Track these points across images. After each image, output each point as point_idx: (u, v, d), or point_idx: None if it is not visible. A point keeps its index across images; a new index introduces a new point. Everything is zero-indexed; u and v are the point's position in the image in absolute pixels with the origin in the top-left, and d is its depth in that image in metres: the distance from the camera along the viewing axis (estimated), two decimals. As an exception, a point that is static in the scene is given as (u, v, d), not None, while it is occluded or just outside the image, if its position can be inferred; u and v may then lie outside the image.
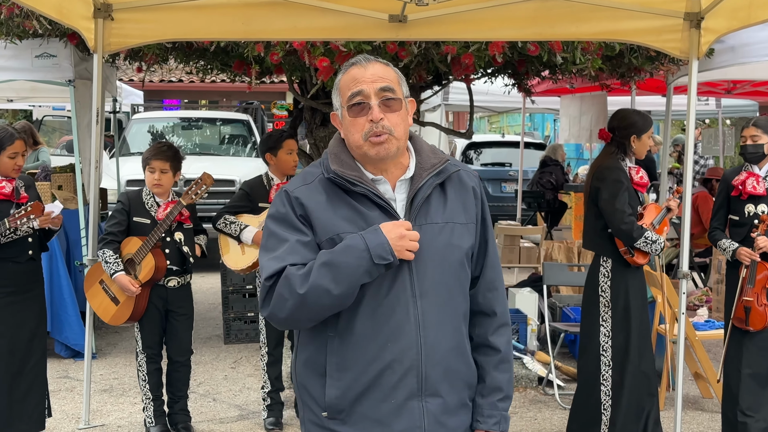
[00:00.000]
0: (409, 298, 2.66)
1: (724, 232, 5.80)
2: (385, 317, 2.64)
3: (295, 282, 2.57)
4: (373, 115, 2.65)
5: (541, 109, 14.35)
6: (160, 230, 5.49)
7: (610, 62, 7.42)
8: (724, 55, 7.31)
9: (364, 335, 2.64)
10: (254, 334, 8.55)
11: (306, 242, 2.66)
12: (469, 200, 2.82)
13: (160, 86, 22.98)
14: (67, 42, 7.43)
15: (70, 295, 7.85)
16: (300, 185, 2.72)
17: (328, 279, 2.55)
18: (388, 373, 2.64)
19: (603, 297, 5.56)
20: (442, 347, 2.70)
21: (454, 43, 6.24)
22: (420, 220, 2.70)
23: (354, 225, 2.64)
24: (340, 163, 2.70)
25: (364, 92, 2.66)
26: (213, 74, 8.74)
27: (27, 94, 11.50)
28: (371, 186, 2.68)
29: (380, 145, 2.66)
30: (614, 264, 5.53)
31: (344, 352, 2.66)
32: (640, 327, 5.58)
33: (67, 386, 7.16)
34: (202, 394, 6.95)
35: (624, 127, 5.58)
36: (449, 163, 2.80)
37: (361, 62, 2.72)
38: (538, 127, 32.56)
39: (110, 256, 5.53)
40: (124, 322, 5.64)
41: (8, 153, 5.18)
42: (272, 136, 6.23)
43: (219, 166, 12.87)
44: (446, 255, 2.72)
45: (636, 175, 5.56)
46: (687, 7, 5.54)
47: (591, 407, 5.65)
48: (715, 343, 8.09)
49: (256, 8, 5.62)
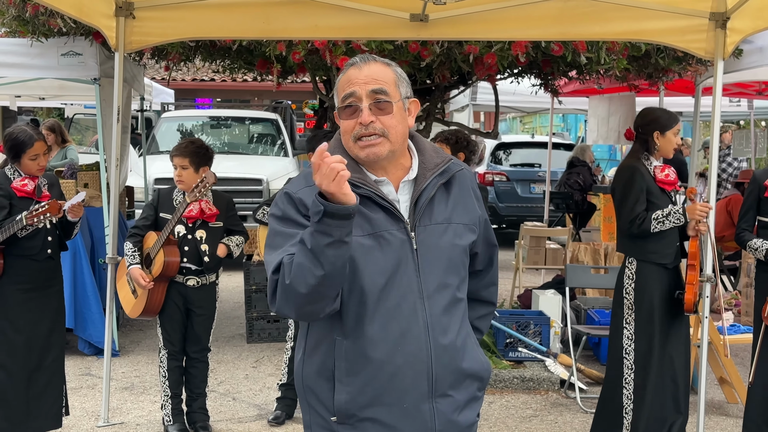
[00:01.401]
0: (417, 300, 2.65)
1: (752, 234, 5.71)
2: (393, 321, 2.62)
3: (286, 272, 2.50)
4: (362, 118, 2.61)
5: (569, 109, 14.25)
6: (169, 226, 5.51)
7: (636, 62, 7.35)
8: (752, 55, 7.20)
9: (372, 339, 2.62)
10: (277, 334, 8.54)
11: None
12: (471, 199, 2.82)
13: (192, 85, 23.09)
14: (92, 40, 7.46)
15: (93, 293, 7.88)
16: (303, 186, 2.67)
17: (303, 256, 2.44)
18: (398, 378, 2.63)
19: (627, 299, 5.50)
20: (451, 348, 2.70)
21: (476, 42, 6.20)
22: (424, 221, 2.68)
23: (359, 228, 2.59)
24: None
25: (356, 94, 2.63)
26: (240, 73, 8.77)
27: (56, 92, 11.61)
28: (374, 188, 2.64)
29: (369, 147, 2.63)
30: (638, 266, 5.47)
31: (353, 356, 2.63)
32: (665, 331, 5.50)
33: (89, 383, 7.18)
34: (222, 393, 6.95)
35: (647, 123, 5.52)
36: (452, 162, 2.78)
37: (358, 63, 2.68)
38: (571, 128, 32.39)
39: (129, 249, 5.62)
40: (139, 315, 5.69)
41: (29, 155, 5.22)
42: (316, 136, 6.27)
43: (247, 165, 12.90)
44: (451, 255, 2.72)
45: (661, 173, 5.47)
46: (712, 7, 5.46)
47: (613, 411, 5.60)
48: (742, 348, 7.98)
49: (276, 7, 5.61)
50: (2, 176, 5.28)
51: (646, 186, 5.43)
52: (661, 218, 5.31)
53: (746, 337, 6.80)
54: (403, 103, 2.70)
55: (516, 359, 7.37)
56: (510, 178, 16.18)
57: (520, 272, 10.20)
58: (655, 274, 5.46)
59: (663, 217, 5.32)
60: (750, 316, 8.81)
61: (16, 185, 5.23)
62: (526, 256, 10.15)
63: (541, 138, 18.53)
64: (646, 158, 5.51)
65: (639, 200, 5.38)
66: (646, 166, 5.48)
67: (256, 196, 12.09)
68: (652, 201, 5.43)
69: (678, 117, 5.66)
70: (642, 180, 5.42)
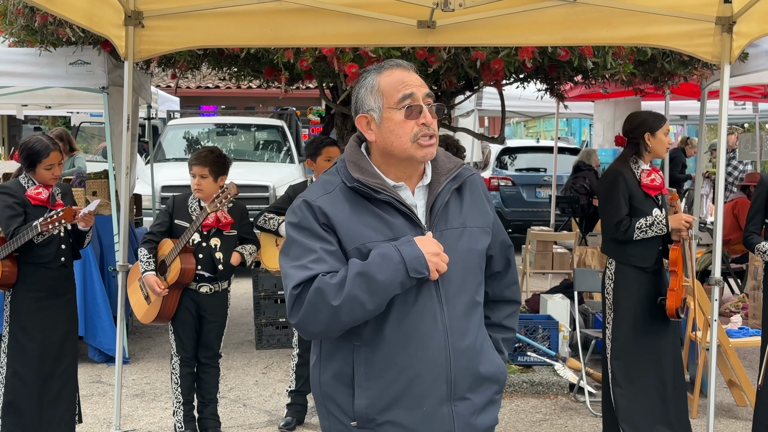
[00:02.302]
0: (436, 305, 2.68)
1: (760, 237, 5.74)
2: (413, 325, 2.65)
3: (329, 293, 2.55)
4: (427, 119, 2.67)
5: (575, 114, 14.29)
6: (188, 234, 5.54)
7: (642, 67, 7.38)
8: (758, 59, 7.24)
9: (392, 344, 2.65)
10: (285, 340, 8.57)
11: (332, 251, 2.64)
12: (483, 204, 2.86)
13: (197, 92, 23.14)
14: (100, 49, 7.51)
15: (103, 301, 7.92)
16: (321, 194, 2.70)
17: (362, 290, 2.54)
18: (418, 382, 2.66)
19: (607, 300, 5.65)
20: (469, 351, 2.74)
21: (483, 48, 6.22)
22: (440, 226, 2.72)
23: (379, 233, 2.64)
24: (361, 171, 2.70)
25: (415, 95, 2.68)
26: (246, 80, 8.80)
27: (63, 101, 11.64)
28: (394, 193, 2.68)
29: (429, 147, 2.68)
30: (617, 267, 5.60)
31: (373, 361, 2.66)
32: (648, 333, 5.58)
33: (100, 391, 7.21)
34: (232, 399, 6.97)
35: (636, 126, 5.61)
36: (464, 167, 2.83)
37: (404, 65, 2.75)
38: (575, 132, 32.40)
39: (144, 255, 5.64)
40: (152, 321, 5.71)
41: (44, 165, 5.26)
42: (313, 143, 6.32)
43: (253, 172, 12.93)
44: (467, 260, 2.76)
45: (646, 178, 5.53)
46: (719, 11, 5.48)
47: (609, 410, 5.70)
48: (750, 351, 8.00)
49: (285, 15, 5.63)
50: (16, 185, 5.31)
51: (629, 190, 5.51)
52: (645, 227, 5.41)
53: (755, 340, 6.83)
54: None
55: (525, 363, 7.39)
56: (516, 182, 16.19)
57: (527, 276, 10.22)
58: (634, 277, 5.57)
59: (646, 227, 5.42)
60: (758, 318, 8.82)
61: (30, 194, 5.27)
62: (533, 261, 10.17)
63: (546, 142, 18.55)
64: (635, 162, 5.58)
65: (621, 205, 5.48)
66: (632, 170, 5.55)
67: (263, 203, 12.13)
68: (634, 206, 5.51)
69: (665, 117, 5.73)
70: (624, 184, 5.50)
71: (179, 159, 13.78)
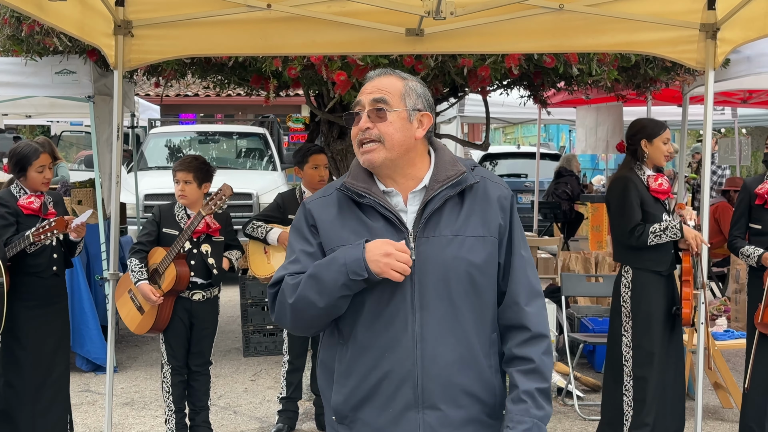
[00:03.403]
0: (408, 309, 2.68)
1: (744, 241, 5.81)
2: (383, 328, 2.68)
3: (287, 292, 2.70)
4: (359, 124, 2.75)
5: (556, 120, 14.35)
6: (182, 240, 5.54)
7: (626, 73, 7.44)
8: (740, 65, 7.32)
9: (364, 344, 2.70)
10: (273, 347, 8.59)
11: (310, 252, 2.75)
12: (492, 212, 2.76)
13: (176, 100, 23.09)
14: (86, 58, 7.51)
15: (90, 309, 7.91)
16: (317, 197, 2.84)
17: (313, 290, 2.65)
18: (385, 383, 2.68)
19: (624, 307, 5.59)
20: (442, 360, 2.67)
21: (470, 55, 6.27)
22: (428, 233, 2.70)
23: (358, 236, 2.69)
24: (354, 176, 2.77)
25: (360, 102, 2.77)
26: (230, 88, 8.82)
27: (46, 110, 11.59)
28: (379, 198, 2.72)
29: (366, 153, 2.73)
30: (635, 274, 5.55)
31: (348, 360, 2.73)
32: (664, 339, 5.58)
33: (89, 400, 7.21)
34: (222, 406, 6.99)
35: (634, 133, 5.65)
36: (466, 174, 2.77)
37: (373, 77, 2.83)
38: (553, 138, 32.59)
39: (136, 265, 5.61)
40: (147, 331, 5.70)
41: (35, 167, 5.28)
42: (300, 151, 6.35)
43: (236, 180, 12.80)
44: (452, 268, 2.69)
45: (654, 183, 5.56)
46: (703, 18, 5.54)
47: (615, 418, 5.67)
48: (735, 353, 8.09)
49: (274, 23, 5.65)
50: (8, 194, 5.32)
51: (641, 195, 5.52)
52: (659, 232, 5.40)
53: (740, 343, 6.91)
54: (408, 114, 2.74)
55: (512, 368, 7.41)
56: (498, 188, 16.25)
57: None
58: (652, 281, 5.54)
59: (660, 231, 5.40)
60: (740, 322, 8.92)
61: (22, 203, 5.28)
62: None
63: (526, 148, 18.64)
64: (639, 168, 5.61)
65: (635, 210, 5.47)
66: (639, 175, 5.58)
67: (247, 210, 12.14)
68: (646, 210, 5.52)
69: (665, 125, 5.76)
70: (635, 190, 5.51)
71: (162, 167, 13.77)
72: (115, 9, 5.51)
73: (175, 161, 12.25)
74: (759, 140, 21.37)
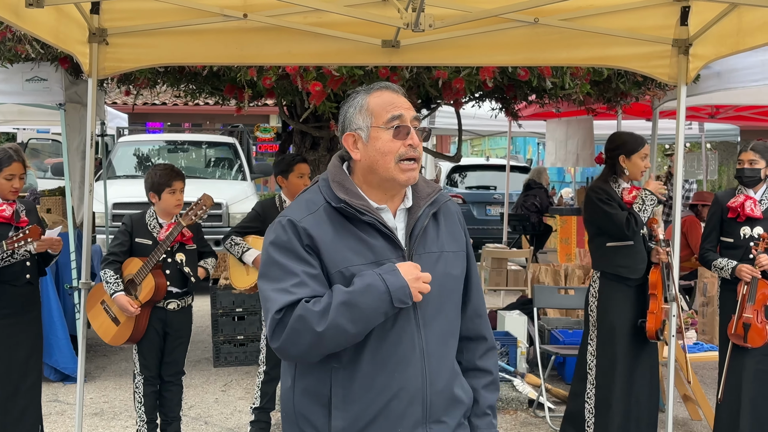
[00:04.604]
0: (413, 328, 2.68)
1: (716, 254, 5.88)
2: (391, 348, 2.66)
3: (313, 319, 2.54)
4: (413, 140, 2.69)
5: (526, 132, 14.45)
6: (160, 251, 5.51)
7: (597, 87, 7.52)
8: (710, 80, 7.41)
9: (372, 366, 2.65)
10: (244, 357, 8.55)
11: (314, 275, 2.63)
12: (456, 227, 2.88)
13: (143, 109, 22.98)
14: (57, 66, 7.46)
15: (59, 319, 7.84)
16: (306, 214, 2.69)
17: (346, 318, 2.54)
18: (395, 403, 2.66)
19: (591, 316, 5.71)
20: (444, 374, 2.74)
21: (445, 68, 6.30)
22: (419, 250, 2.73)
23: (362, 256, 2.65)
24: (346, 192, 2.69)
25: (403, 116, 2.70)
26: (201, 97, 8.79)
27: (14, 117, 11.50)
28: (377, 215, 2.69)
29: (411, 171, 2.69)
30: (601, 284, 5.67)
31: (351, 383, 2.66)
32: (630, 350, 5.65)
33: (57, 410, 7.13)
34: (193, 417, 6.94)
35: (613, 148, 5.75)
36: (441, 193, 2.86)
37: (393, 87, 2.77)
38: (521, 150, 32.75)
39: (111, 276, 5.54)
40: (124, 342, 5.63)
41: (4, 174, 5.22)
42: (284, 160, 6.35)
43: (205, 190, 12.75)
44: (444, 283, 2.76)
45: (628, 195, 5.66)
46: (675, 33, 5.61)
47: (576, 425, 5.77)
48: (703, 366, 8.16)
49: (250, 33, 5.64)
50: None
51: (617, 203, 5.62)
52: (641, 206, 5.57)
53: (710, 355, 6.96)
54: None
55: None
56: (466, 200, 16.33)
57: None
58: (618, 292, 5.64)
59: (641, 206, 5.57)
60: (706, 334, 9.00)
61: None
62: (488, 278, 10.26)
63: (495, 161, 18.72)
64: (614, 180, 5.69)
65: (617, 209, 5.59)
66: (614, 188, 5.66)
67: (216, 220, 12.09)
68: None
69: (644, 141, 5.82)
70: (611, 199, 5.61)
71: (130, 176, 13.69)
72: (90, 17, 5.48)
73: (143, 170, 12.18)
74: (724, 155, 21.60)
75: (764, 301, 5.58)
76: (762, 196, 5.76)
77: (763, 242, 5.61)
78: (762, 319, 5.57)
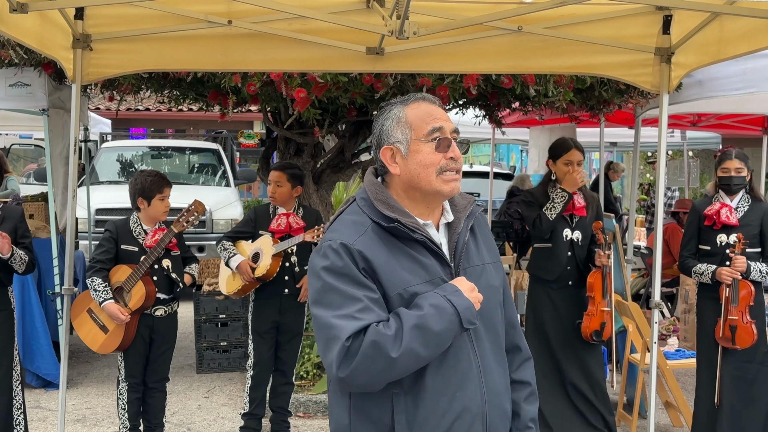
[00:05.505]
0: (468, 345, 2.64)
1: (696, 260, 5.93)
2: (452, 369, 2.60)
3: (387, 345, 2.45)
4: (455, 153, 2.64)
5: (509, 139, 14.48)
6: (150, 258, 5.50)
7: (580, 95, 7.56)
8: (692, 89, 7.45)
9: (435, 389, 2.58)
10: (227, 364, 8.54)
11: (376, 299, 2.54)
12: (490, 239, 2.84)
13: (127, 114, 22.92)
14: (41, 71, 7.44)
15: (42, 325, 7.81)
16: (357, 236, 2.59)
17: (419, 342, 2.46)
18: (458, 423, 2.60)
19: (523, 316, 5.89)
20: (499, 389, 2.71)
21: (429, 75, 6.32)
22: (464, 264, 2.68)
23: (416, 276, 2.58)
24: (393, 210, 2.62)
25: (443, 128, 2.64)
26: (185, 103, 8.78)
27: (-2, 122, 11.46)
28: (426, 232, 2.63)
29: (455, 182, 2.63)
30: (530, 285, 5.94)
31: (415, 408, 2.58)
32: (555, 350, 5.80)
33: (39, 416, 7.10)
34: (176, 423, 6.93)
35: (548, 151, 5.98)
36: (475, 204, 2.79)
37: (429, 98, 2.70)
38: (504, 157, 32.83)
39: (99, 285, 5.53)
40: (113, 350, 5.61)
41: None
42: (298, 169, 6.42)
43: (189, 195, 12.77)
44: (490, 297, 2.71)
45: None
46: (658, 42, 5.65)
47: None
48: (684, 372, 8.19)
49: (235, 40, 5.65)
50: None
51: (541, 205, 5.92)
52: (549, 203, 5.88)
53: (691, 362, 6.99)
54: None
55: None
56: (449, 207, 16.32)
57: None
58: (542, 295, 5.89)
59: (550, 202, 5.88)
60: (688, 341, 9.03)
61: None
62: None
63: (479, 167, 18.75)
64: (552, 186, 5.92)
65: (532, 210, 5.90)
66: (548, 192, 5.85)
67: (200, 226, 12.08)
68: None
69: (572, 146, 5.95)
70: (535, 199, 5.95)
71: (113, 182, 13.65)
72: (75, 22, 5.47)
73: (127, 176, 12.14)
74: (706, 162, 21.74)
75: (747, 301, 5.65)
76: (738, 204, 5.82)
77: (740, 243, 5.66)
78: (747, 319, 5.64)
